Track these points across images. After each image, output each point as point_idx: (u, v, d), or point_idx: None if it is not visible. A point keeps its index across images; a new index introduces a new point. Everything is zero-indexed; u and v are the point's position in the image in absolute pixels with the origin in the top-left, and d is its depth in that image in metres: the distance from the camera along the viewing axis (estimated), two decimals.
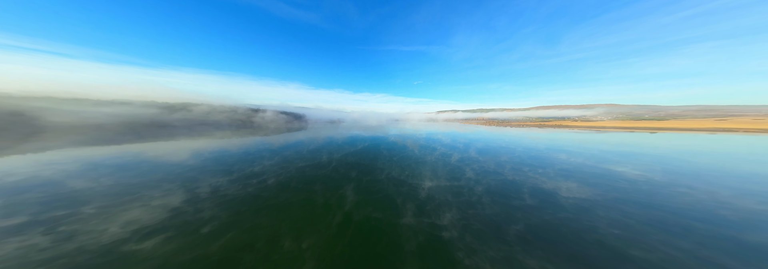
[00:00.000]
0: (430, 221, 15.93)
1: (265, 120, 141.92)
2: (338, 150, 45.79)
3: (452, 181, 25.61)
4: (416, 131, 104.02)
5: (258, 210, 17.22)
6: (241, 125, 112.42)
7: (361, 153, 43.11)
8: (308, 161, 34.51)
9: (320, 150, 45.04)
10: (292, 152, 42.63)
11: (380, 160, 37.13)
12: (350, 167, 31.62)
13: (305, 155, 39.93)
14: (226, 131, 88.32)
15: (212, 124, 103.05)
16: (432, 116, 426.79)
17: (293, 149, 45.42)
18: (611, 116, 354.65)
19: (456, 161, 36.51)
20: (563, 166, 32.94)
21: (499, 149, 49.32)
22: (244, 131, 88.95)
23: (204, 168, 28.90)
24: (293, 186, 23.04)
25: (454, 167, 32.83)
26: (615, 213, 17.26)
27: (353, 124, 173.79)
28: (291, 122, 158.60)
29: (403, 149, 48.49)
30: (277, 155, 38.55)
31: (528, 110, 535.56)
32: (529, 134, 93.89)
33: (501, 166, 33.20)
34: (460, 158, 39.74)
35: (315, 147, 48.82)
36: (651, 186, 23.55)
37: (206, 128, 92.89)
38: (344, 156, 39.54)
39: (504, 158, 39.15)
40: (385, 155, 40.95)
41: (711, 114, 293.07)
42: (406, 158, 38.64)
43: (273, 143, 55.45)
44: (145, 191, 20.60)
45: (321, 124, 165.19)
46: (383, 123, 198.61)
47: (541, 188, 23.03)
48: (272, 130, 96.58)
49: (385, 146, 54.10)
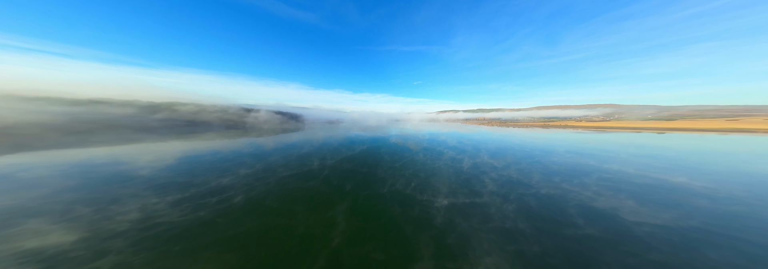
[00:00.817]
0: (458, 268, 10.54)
1: (259, 120, 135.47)
2: (333, 154, 40.32)
3: (473, 197, 20.17)
4: (418, 132, 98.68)
5: (200, 249, 11.77)
6: (233, 125, 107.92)
7: (359, 158, 37.67)
8: (294, 170, 28.99)
9: (312, 155, 39.54)
10: (278, 157, 37.13)
11: (381, 167, 31.67)
12: (345, 177, 26.17)
13: (293, 161, 34.43)
14: (213, 132, 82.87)
15: (200, 125, 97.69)
16: (433, 116, 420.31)
17: (281, 154, 39.92)
18: (614, 116, 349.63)
19: (469, 168, 31.07)
20: (601, 175, 27.48)
21: (513, 153, 43.88)
22: (234, 132, 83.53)
23: (153, 181, 23.16)
24: (266, 207, 17.57)
25: (470, 175, 27.40)
26: (731, 253, 11.80)
27: (353, 124, 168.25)
28: (287, 122, 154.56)
29: (406, 153, 43.04)
30: (259, 162, 33.05)
31: (529, 110, 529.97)
32: (535, 134, 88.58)
33: (525, 175, 27.75)
34: (472, 163, 34.30)
35: (307, 151, 43.33)
36: (743, 205, 18.08)
37: (192, 129, 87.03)
38: (339, 162, 34.08)
39: (524, 165, 33.71)
40: (386, 161, 35.50)
41: (715, 114, 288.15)
42: (411, 165, 33.20)
43: (261, 145, 49.94)
44: (25, 222, 14.93)
45: (319, 124, 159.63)
46: (383, 123, 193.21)
47: (592, 209, 17.58)
48: (266, 131, 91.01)
49: (387, 148, 48.66)
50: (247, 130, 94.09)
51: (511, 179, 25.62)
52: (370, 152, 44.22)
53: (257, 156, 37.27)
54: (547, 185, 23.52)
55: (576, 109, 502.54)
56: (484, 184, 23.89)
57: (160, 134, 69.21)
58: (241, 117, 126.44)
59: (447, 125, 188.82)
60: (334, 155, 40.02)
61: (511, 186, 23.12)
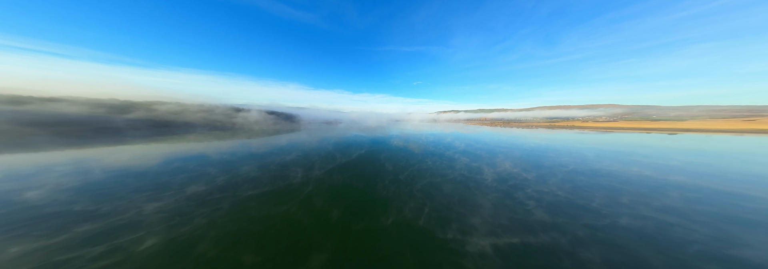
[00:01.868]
0: None
1: (249, 121, 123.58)
2: (323, 162, 33.50)
3: (523, 233, 13.37)
4: (420, 133, 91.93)
5: None
6: (220, 126, 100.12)
7: (354, 167, 30.85)
8: (266, 186, 22.05)
9: (297, 163, 32.66)
10: (253, 166, 30.16)
11: (382, 180, 24.85)
12: (334, 198, 19.35)
13: (270, 172, 27.50)
14: (196, 133, 76.22)
15: (181, 126, 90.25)
16: (434, 117, 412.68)
17: (259, 161, 32.99)
18: (619, 116, 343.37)
19: (496, 182, 24.28)
20: (683, 193, 20.67)
21: (536, 159, 37.12)
22: (219, 134, 76.29)
23: (34, 209, 16.03)
24: (195, 258, 10.74)
25: (501, 193, 20.63)
26: None
27: (351, 125, 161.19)
28: (280, 122, 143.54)
29: (411, 160, 36.23)
30: (224, 174, 26.08)
31: (531, 110, 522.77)
32: (545, 136, 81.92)
33: (575, 193, 20.94)
34: (496, 174, 27.52)
35: (293, 158, 36.45)
36: None
37: (170, 131, 78.73)
38: (329, 173, 27.24)
39: (561, 176, 26.95)
40: (388, 171, 28.67)
41: (716, 115, 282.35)
42: (420, 177, 26.39)
43: (239, 150, 42.84)
44: None
45: (315, 125, 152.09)
46: (383, 124, 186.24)
47: (738, 262, 10.79)
48: (256, 132, 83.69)
49: (388, 153, 41.83)
50: (235, 131, 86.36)
51: (559, 201, 18.81)
52: (368, 158, 37.38)
53: (226, 165, 30.30)
54: (621, 210, 16.70)
55: (578, 109, 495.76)
56: (528, 209, 17.08)
57: (122, 137, 60.57)
58: (229, 117, 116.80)
59: (448, 125, 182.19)
60: (324, 162, 33.16)
61: (568, 212, 16.33)
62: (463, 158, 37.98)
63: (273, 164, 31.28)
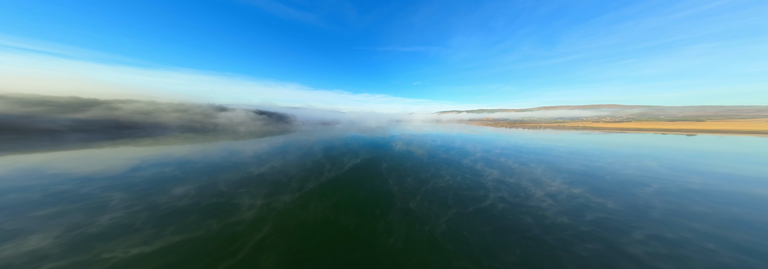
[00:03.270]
0: None
1: (233, 121, 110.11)
2: (303, 178, 24.63)
3: None
4: (425, 134, 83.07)
5: None
6: (199, 127, 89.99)
7: (344, 186, 22.00)
8: (188, 230, 13.14)
9: (263, 181, 23.71)
10: (194, 187, 20.98)
11: (384, 212, 15.96)
12: (301, 259, 10.47)
13: (211, 198, 18.49)
14: (166, 136, 66.73)
15: (148, 127, 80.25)
16: (436, 117, 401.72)
17: (208, 179, 23.87)
18: (623, 117, 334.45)
19: (568, 217, 15.36)
20: None
21: (589, 171, 28.22)
22: (191, 137, 66.21)
23: None
24: None
25: (602, 247, 11.71)
26: None
27: (350, 125, 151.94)
28: (271, 123, 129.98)
29: (422, 173, 27.38)
30: (133, 202, 17.08)
31: (534, 110, 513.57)
32: (559, 137, 73.04)
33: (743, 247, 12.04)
34: (555, 201, 18.64)
35: (264, 171, 27.51)
36: None
37: (131, 133, 69.64)
38: (304, 200, 18.36)
39: (659, 203, 18.05)
40: (394, 195, 19.79)
41: (739, 115, 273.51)
42: (442, 204, 17.52)
43: (195, 159, 33.20)
44: None
45: (311, 126, 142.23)
46: (384, 124, 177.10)
47: None
48: (240, 134, 73.91)
49: (390, 163, 32.98)
50: (217, 133, 77.53)
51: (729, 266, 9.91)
52: (365, 170, 28.50)
53: (152, 185, 21.19)
54: None
55: (581, 109, 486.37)
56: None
57: (51, 141, 49.29)
58: (209, 117, 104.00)
59: (451, 126, 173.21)
60: (304, 178, 24.26)
61: None
62: (490, 169, 29.06)
63: (228, 182, 22.21)
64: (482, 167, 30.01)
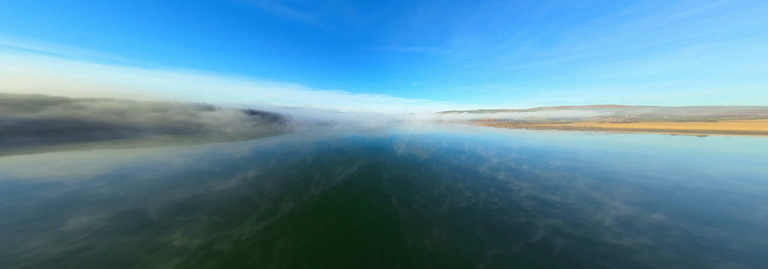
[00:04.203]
0: None
1: (220, 122, 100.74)
2: (279, 195, 19.01)
3: None
4: (428, 136, 77.49)
5: None
6: (180, 128, 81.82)
7: (333, 207, 16.39)
8: None
9: (218, 203, 18.10)
10: (112, 214, 15.08)
11: (389, 255, 10.27)
12: None
13: (127, 234, 12.91)
14: (136, 138, 58.41)
15: (119, 128, 71.73)
16: (437, 117, 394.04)
17: (147, 195, 18.17)
18: (625, 117, 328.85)
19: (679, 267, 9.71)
20: None
21: (639, 180, 22.58)
22: (167, 139, 58.92)
23: None
24: None
25: None
26: None
27: (348, 126, 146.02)
28: (264, 124, 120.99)
29: (433, 187, 21.76)
30: (29, 233, 11.50)
31: (536, 111, 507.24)
32: (569, 138, 67.43)
33: None
34: (629, 228, 12.98)
35: (233, 186, 21.84)
36: None
37: (94, 135, 60.60)
38: (270, 233, 12.72)
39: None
40: (402, 221, 14.17)
41: (751, 115, 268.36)
42: (471, 239, 11.85)
43: (146, 170, 26.73)
44: None
45: (307, 126, 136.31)
46: (384, 125, 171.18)
47: None
48: (227, 136, 69.23)
49: (393, 171, 27.35)
50: (200, 134, 71.30)
51: None
52: (362, 183, 22.86)
53: (48, 210, 15.57)
54: None
55: (583, 109, 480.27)
56: None
57: None
58: (192, 117, 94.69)
59: (453, 126, 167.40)
60: (280, 198, 18.55)
61: None
62: (517, 181, 23.39)
63: (168, 205, 16.31)
64: (507, 178, 24.33)
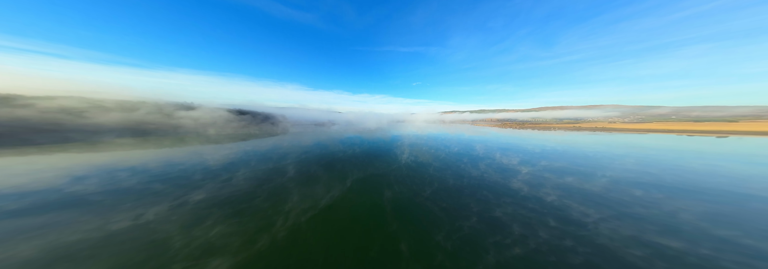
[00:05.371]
0: None
1: (201, 123, 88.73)
2: (226, 238, 12.11)
3: None
4: (433, 137, 70.70)
5: None
6: (152, 130, 71.33)
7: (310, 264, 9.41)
8: None
9: (111, 256, 11.14)
10: None
11: None
12: None
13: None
14: (80, 142, 48.71)
15: (70, 130, 58.71)
16: (439, 117, 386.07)
17: None
18: (636, 117, 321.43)
19: None
20: None
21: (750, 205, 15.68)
22: (128, 143, 49.90)
23: None
24: None
25: None
26: None
27: (347, 126, 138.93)
28: (253, 124, 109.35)
29: (458, 212, 14.85)
30: None
31: (539, 111, 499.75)
32: (591, 139, 60.57)
33: None
34: None
35: (148, 219, 14.98)
36: None
37: (35, 139, 48.98)
38: None
39: None
40: None
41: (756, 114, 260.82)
42: None
43: (52, 189, 20.56)
44: None
45: (302, 127, 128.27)
46: (384, 125, 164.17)
47: None
48: (207, 139, 60.59)
49: (399, 188, 20.53)
50: (176, 137, 63.03)
51: None
52: (355, 212, 16.03)
53: None
54: None
55: (586, 109, 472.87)
56: None
57: None
58: (168, 118, 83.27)
59: (455, 126, 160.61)
60: (220, 245, 11.71)
61: None
62: (578, 204, 16.48)
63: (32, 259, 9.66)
64: (559, 199, 17.44)
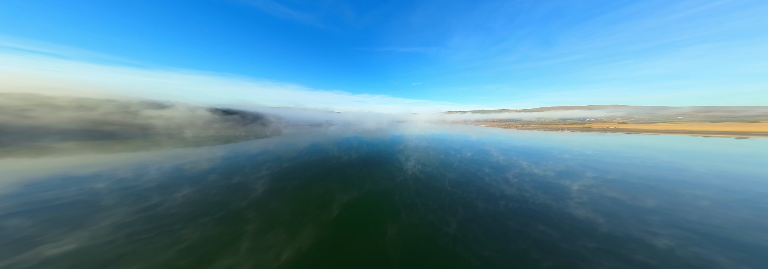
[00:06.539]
0: None
1: (175, 123, 77.82)
2: None
3: None
4: (436, 139, 63.99)
5: None
6: (116, 131, 61.80)
7: None
8: None
9: None
10: None
11: None
12: None
13: None
14: (32, 146, 40.77)
15: (17, 132, 50.08)
16: (441, 118, 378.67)
17: None
18: (643, 118, 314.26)
19: None
20: None
21: None
22: (67, 148, 40.87)
23: None
24: None
25: None
26: None
27: (345, 127, 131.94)
28: (241, 125, 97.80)
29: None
30: None
31: (542, 110, 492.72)
32: (610, 140, 53.86)
33: None
34: None
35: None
36: None
37: None
38: None
39: None
40: None
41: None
42: None
43: None
44: None
45: (297, 128, 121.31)
46: (384, 126, 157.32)
47: None
48: (178, 142, 51.96)
49: (411, 221, 13.76)
50: (147, 139, 54.49)
51: None
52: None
53: None
54: None
55: (588, 110, 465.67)
56: None
57: None
58: (135, 118, 72.53)
59: (458, 127, 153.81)
60: None
61: None
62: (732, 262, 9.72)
63: None
64: (683, 247, 10.63)
